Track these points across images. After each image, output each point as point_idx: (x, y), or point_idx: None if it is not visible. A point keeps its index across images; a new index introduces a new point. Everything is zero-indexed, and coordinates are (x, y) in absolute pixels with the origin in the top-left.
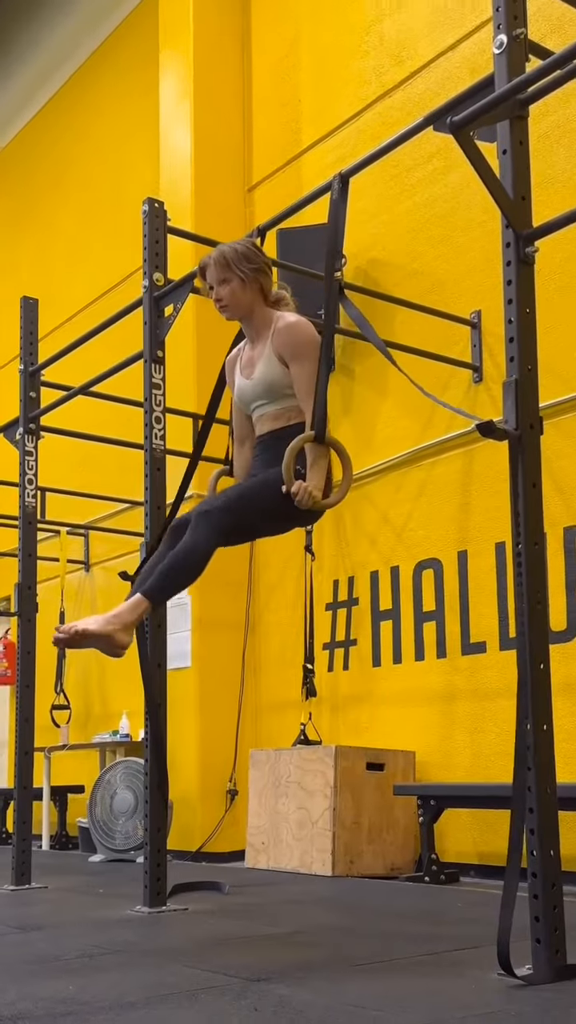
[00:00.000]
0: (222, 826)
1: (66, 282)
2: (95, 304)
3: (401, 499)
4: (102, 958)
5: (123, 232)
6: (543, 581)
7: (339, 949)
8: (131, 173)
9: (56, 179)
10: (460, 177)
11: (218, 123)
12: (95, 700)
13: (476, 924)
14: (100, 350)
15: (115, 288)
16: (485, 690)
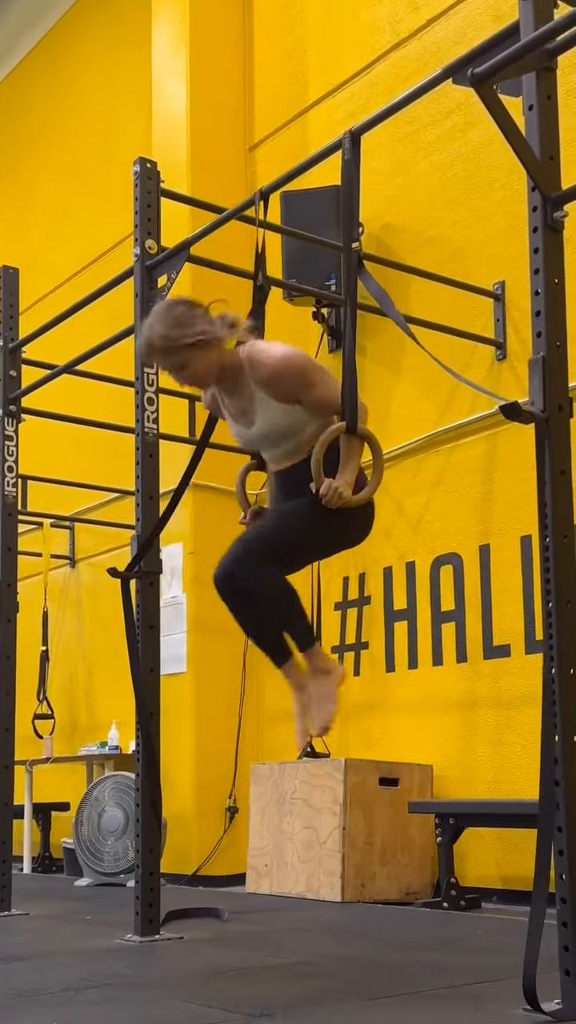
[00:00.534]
0: (221, 847)
1: (49, 250)
2: (81, 274)
3: (417, 488)
4: (89, 991)
5: (112, 195)
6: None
7: (349, 981)
8: (121, 130)
9: (38, 137)
10: (482, 135)
11: (216, 76)
12: (81, 709)
13: (499, 954)
14: (87, 325)
15: (103, 257)
16: (509, 698)
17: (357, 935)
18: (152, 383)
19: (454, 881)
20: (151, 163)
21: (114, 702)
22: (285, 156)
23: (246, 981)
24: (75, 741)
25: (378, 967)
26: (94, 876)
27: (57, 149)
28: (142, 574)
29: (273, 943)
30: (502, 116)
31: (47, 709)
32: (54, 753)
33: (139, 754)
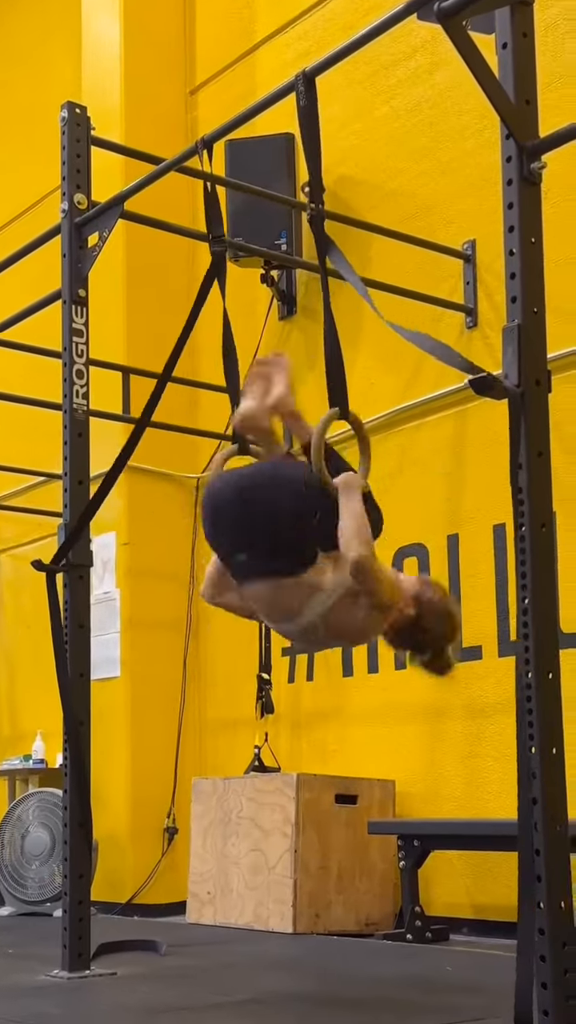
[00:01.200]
0: (158, 871)
1: None
2: (2, 232)
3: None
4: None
5: (37, 145)
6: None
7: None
8: (47, 73)
9: None
10: (450, 77)
11: (153, 11)
12: (2, 718)
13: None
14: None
15: (27, 213)
16: (481, 705)
17: (310, 970)
18: (82, 354)
19: (419, 910)
20: (80, 108)
21: (39, 710)
22: (230, 100)
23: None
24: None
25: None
26: (16, 904)
27: None
28: (70, 567)
29: (217, 979)
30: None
31: None
32: None
33: (67, 768)
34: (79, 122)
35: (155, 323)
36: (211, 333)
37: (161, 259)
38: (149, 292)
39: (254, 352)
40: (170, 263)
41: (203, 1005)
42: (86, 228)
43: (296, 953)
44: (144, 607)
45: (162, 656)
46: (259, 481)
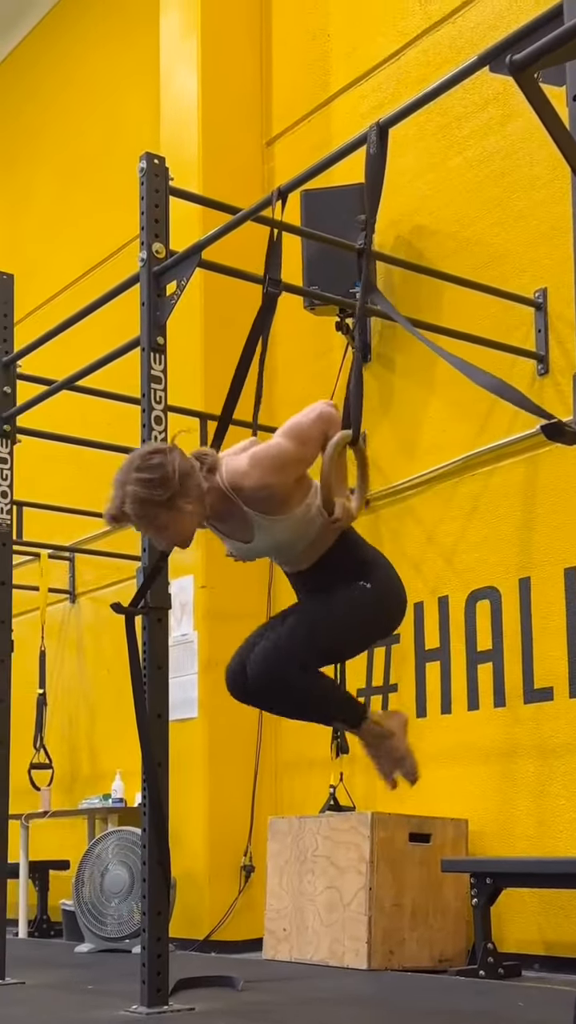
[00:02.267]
0: (235, 909)
1: (47, 255)
2: (82, 281)
3: (451, 516)
4: None
5: (116, 195)
6: None
7: None
8: (126, 124)
9: (35, 132)
10: (522, 128)
11: (231, 64)
12: (82, 758)
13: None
14: (88, 336)
15: (106, 262)
16: (552, 745)
17: (385, 1006)
18: (160, 400)
19: (492, 947)
20: (159, 159)
21: (118, 750)
22: (305, 151)
23: None
24: (75, 793)
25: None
26: (96, 941)
27: (56, 145)
28: (149, 610)
29: (293, 1015)
30: (544, 107)
31: (44, 758)
32: (52, 807)
33: (145, 807)
34: (158, 172)
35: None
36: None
37: (238, 306)
38: (226, 339)
39: (331, 395)
40: (247, 310)
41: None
42: (164, 277)
43: (371, 989)
44: (221, 649)
45: None
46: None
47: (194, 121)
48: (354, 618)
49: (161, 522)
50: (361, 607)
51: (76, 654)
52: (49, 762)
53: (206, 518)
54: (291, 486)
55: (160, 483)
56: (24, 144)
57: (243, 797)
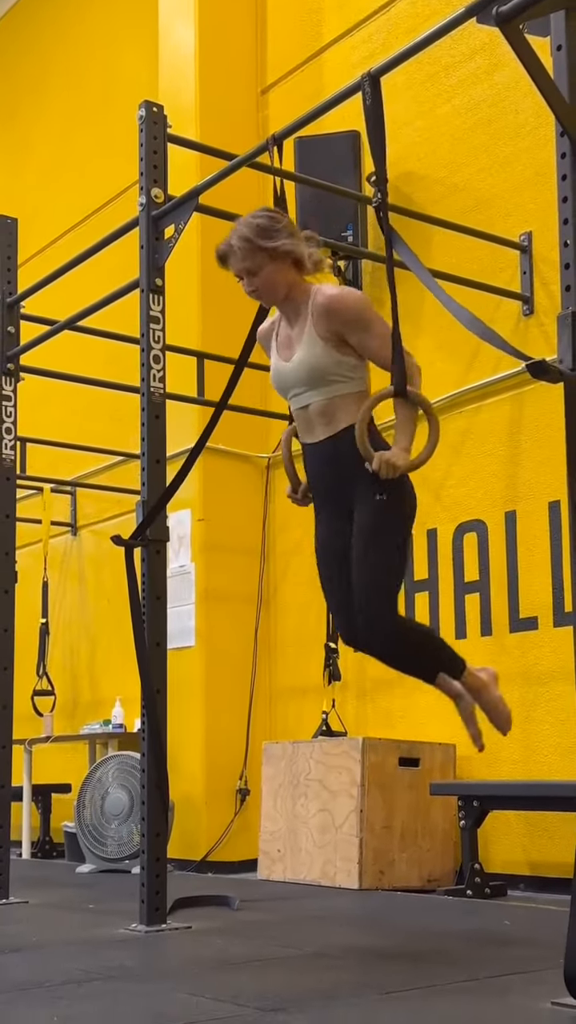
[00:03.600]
0: (231, 831)
1: (49, 200)
2: (83, 225)
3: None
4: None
5: (116, 142)
6: None
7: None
8: (125, 73)
9: (36, 81)
10: (508, 77)
11: (226, 15)
12: (84, 685)
13: (526, 944)
14: (89, 278)
15: (106, 206)
16: (537, 673)
17: (375, 924)
18: (159, 340)
19: (478, 867)
20: (157, 107)
21: (118, 678)
22: (299, 100)
23: (258, 973)
24: (77, 719)
25: (397, 958)
26: (97, 862)
27: (57, 93)
28: (148, 542)
29: (286, 933)
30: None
31: (47, 685)
32: (54, 732)
33: (145, 733)
34: (156, 120)
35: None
36: None
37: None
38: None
39: None
40: None
41: (273, 957)
42: (163, 221)
43: (362, 908)
44: (218, 580)
45: (234, 626)
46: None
47: (191, 70)
48: (400, 550)
49: (257, 263)
50: (396, 533)
51: (77, 585)
52: (51, 689)
53: (285, 301)
54: (357, 336)
55: (270, 228)
56: (26, 93)
57: (239, 723)
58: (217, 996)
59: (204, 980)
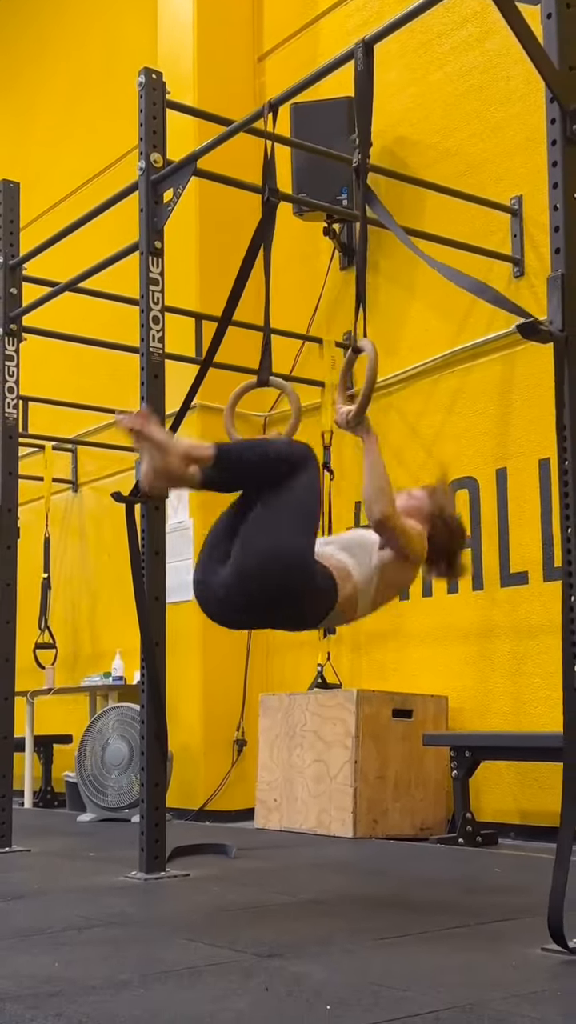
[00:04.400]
0: (228, 781)
1: (51, 165)
2: (84, 189)
3: (431, 409)
4: (92, 931)
5: (116, 107)
6: None
7: (361, 920)
8: (125, 41)
9: (39, 49)
10: (499, 44)
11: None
12: (84, 638)
13: (517, 892)
14: (90, 241)
15: (107, 171)
16: (527, 627)
17: (369, 872)
18: (157, 301)
19: (470, 816)
20: (156, 74)
21: (118, 631)
22: (295, 67)
23: (255, 920)
24: (78, 671)
25: (391, 905)
26: (97, 811)
27: (59, 61)
28: (147, 498)
29: (283, 880)
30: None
31: (49, 638)
32: (56, 684)
33: (144, 685)
34: (155, 87)
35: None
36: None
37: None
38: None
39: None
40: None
41: (269, 904)
42: (161, 185)
43: (356, 856)
44: None
45: None
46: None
47: (189, 38)
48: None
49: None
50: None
51: (78, 540)
52: (53, 642)
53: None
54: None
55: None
56: (29, 61)
57: (236, 675)
58: (215, 942)
59: (202, 926)
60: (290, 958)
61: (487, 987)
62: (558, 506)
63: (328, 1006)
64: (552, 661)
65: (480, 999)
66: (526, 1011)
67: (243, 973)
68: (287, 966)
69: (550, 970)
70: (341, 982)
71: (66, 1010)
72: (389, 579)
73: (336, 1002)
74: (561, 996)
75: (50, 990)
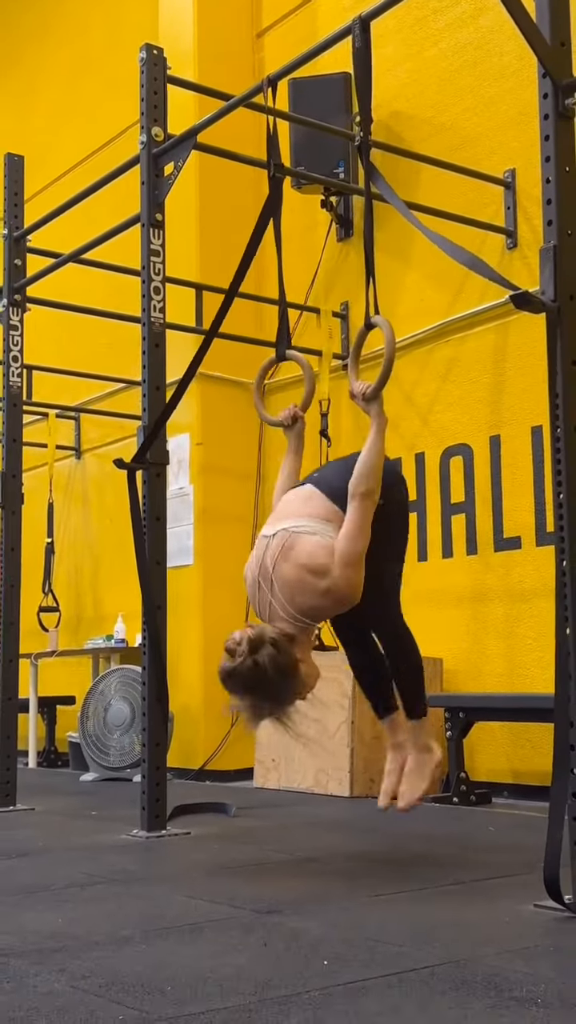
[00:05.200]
0: (228, 741)
1: (54, 138)
2: (87, 162)
3: (427, 378)
4: (95, 888)
5: (118, 82)
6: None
7: (357, 877)
8: (127, 17)
9: (43, 24)
10: (492, 21)
11: None
12: (87, 602)
13: (510, 850)
14: (93, 213)
15: (109, 144)
16: (520, 590)
17: (365, 830)
18: (159, 272)
19: (464, 776)
20: (157, 49)
21: (120, 595)
22: (293, 43)
23: (254, 877)
24: (81, 634)
25: (386, 863)
26: (100, 771)
27: (62, 36)
28: (148, 465)
29: (281, 839)
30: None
31: (52, 602)
32: (59, 646)
33: (146, 647)
34: (156, 62)
35: (225, 243)
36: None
37: (230, 186)
38: (219, 216)
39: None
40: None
41: (268, 862)
42: (162, 158)
43: (352, 815)
44: (215, 501)
45: (231, 545)
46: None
47: (190, 14)
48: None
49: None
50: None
51: (81, 506)
52: (56, 605)
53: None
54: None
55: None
56: (33, 35)
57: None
58: (214, 899)
59: (202, 883)
60: (288, 914)
61: (481, 943)
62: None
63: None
64: (545, 624)
65: (474, 955)
66: (519, 966)
67: (242, 929)
68: (285, 922)
69: (542, 926)
70: (338, 938)
71: (69, 965)
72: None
73: (333, 957)
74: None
75: (54, 946)
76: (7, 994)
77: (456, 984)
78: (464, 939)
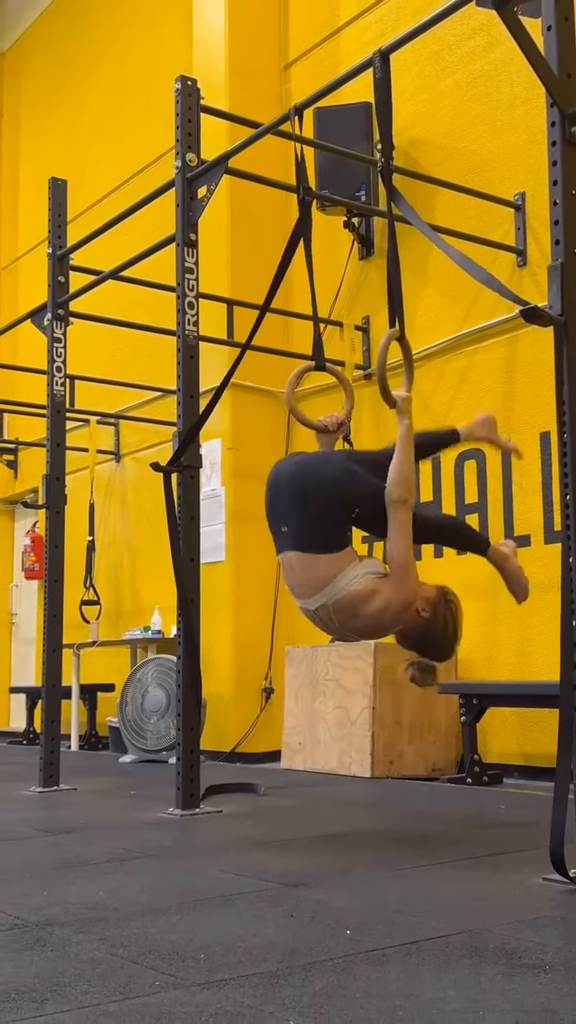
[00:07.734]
0: (257, 726)
1: (96, 163)
2: (126, 186)
3: (443, 387)
4: (133, 862)
5: (155, 111)
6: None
7: (378, 853)
8: (164, 50)
9: (86, 57)
10: (504, 54)
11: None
12: (126, 595)
13: (520, 827)
14: (131, 233)
15: (147, 169)
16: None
17: (386, 809)
18: (193, 288)
19: (477, 758)
20: (191, 81)
21: (157, 589)
22: (318, 74)
23: (281, 852)
24: (120, 626)
25: (405, 839)
26: (138, 753)
27: (105, 68)
28: (183, 468)
29: (307, 816)
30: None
31: (93, 596)
32: (100, 637)
33: (180, 638)
34: (191, 92)
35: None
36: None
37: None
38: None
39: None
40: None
41: (295, 837)
42: (196, 182)
43: (373, 794)
44: (245, 502)
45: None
46: (315, 460)
47: (222, 48)
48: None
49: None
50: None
51: (120, 507)
52: (97, 599)
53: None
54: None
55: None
56: (78, 69)
57: (264, 629)
58: (244, 872)
59: (233, 858)
60: (313, 887)
61: (493, 914)
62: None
63: (348, 931)
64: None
65: (486, 925)
66: (529, 936)
67: (270, 901)
68: (310, 894)
69: (551, 898)
70: (360, 909)
71: (109, 934)
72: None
73: (355, 927)
74: (561, 922)
75: (94, 916)
76: (51, 961)
77: (470, 952)
78: (477, 910)
